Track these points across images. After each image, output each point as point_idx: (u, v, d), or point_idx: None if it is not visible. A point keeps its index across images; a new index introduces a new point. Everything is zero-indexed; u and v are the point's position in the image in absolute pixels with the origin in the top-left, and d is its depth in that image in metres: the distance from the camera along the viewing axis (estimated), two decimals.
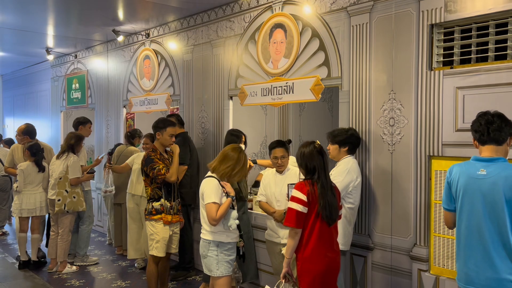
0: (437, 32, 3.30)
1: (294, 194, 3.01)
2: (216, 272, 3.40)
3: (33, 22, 6.31)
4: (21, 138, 5.97)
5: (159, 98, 6.19)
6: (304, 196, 2.95)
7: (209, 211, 3.33)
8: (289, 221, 3.00)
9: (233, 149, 3.51)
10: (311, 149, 3.05)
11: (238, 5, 4.94)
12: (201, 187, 3.45)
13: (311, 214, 2.97)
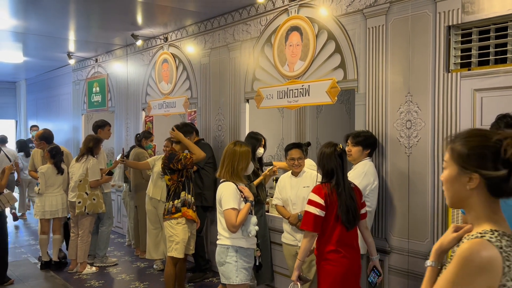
0: (455, 34, 3.26)
1: (312, 197, 3.01)
2: (236, 279, 3.27)
3: (55, 28, 6.45)
4: (38, 143, 6.13)
5: (177, 101, 6.25)
6: (322, 199, 2.95)
7: (228, 218, 3.23)
8: (306, 225, 2.99)
9: (235, 145, 3.45)
10: (331, 151, 3.04)
11: (254, 8, 4.97)
12: (218, 193, 3.36)
13: (330, 217, 2.97)
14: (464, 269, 1.31)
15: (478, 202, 1.40)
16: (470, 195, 1.41)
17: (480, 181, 1.38)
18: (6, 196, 5.15)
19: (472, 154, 1.39)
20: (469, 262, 1.31)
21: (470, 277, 1.31)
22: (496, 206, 1.41)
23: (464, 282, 1.31)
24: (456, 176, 1.43)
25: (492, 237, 1.34)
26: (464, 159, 1.40)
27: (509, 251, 1.33)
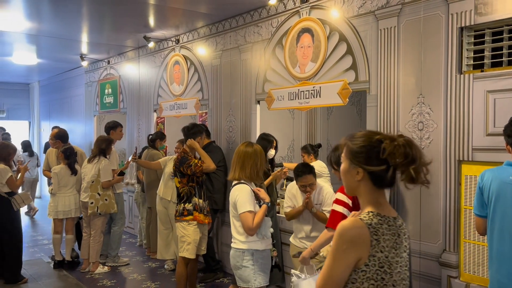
0: (467, 35, 3.25)
1: (339, 197, 3.02)
2: (254, 283, 3.22)
3: (69, 30, 6.53)
4: (53, 142, 6.20)
5: (188, 103, 6.29)
6: (349, 200, 2.97)
7: (245, 221, 3.16)
8: (333, 224, 3.00)
9: (246, 146, 3.40)
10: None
11: (265, 10, 4.99)
12: (232, 195, 3.28)
13: None
14: (338, 242, 1.59)
15: (364, 191, 1.68)
16: (358, 185, 1.69)
17: (364, 174, 1.66)
18: (22, 196, 5.23)
19: (359, 152, 1.66)
20: (341, 237, 1.59)
21: (343, 248, 1.58)
22: (379, 194, 1.68)
23: (339, 253, 1.59)
24: (347, 169, 1.70)
25: (366, 217, 1.63)
26: (353, 155, 1.68)
27: (378, 227, 1.60)
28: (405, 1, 3.57)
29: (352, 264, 1.59)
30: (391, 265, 1.61)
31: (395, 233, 1.64)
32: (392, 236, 1.63)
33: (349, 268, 1.60)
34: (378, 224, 1.61)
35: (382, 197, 1.69)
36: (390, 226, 1.64)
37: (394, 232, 1.64)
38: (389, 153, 1.59)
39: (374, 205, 1.67)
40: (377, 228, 1.60)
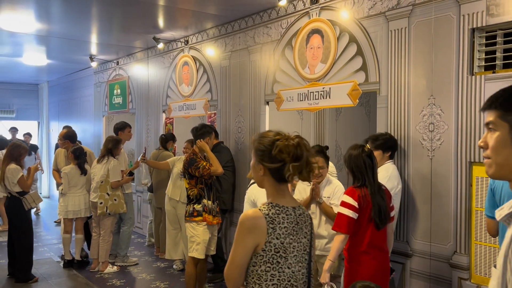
0: (479, 36, 3.24)
1: (345, 199, 3.01)
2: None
3: (78, 31, 6.58)
4: (62, 142, 6.23)
5: (197, 104, 6.31)
6: (355, 202, 2.96)
7: None
8: (339, 227, 2.99)
9: None
10: (359, 152, 3.03)
11: (275, 11, 5.00)
12: (251, 194, 3.26)
13: (362, 219, 2.98)
14: (239, 230, 1.83)
15: (267, 184, 1.91)
16: (263, 179, 1.91)
17: (265, 170, 1.88)
18: (32, 195, 5.28)
19: (259, 150, 1.89)
20: (242, 226, 1.82)
21: (243, 235, 1.82)
22: (280, 187, 1.90)
23: (240, 240, 1.82)
24: (254, 165, 1.94)
25: (264, 208, 1.86)
26: (256, 153, 1.91)
27: (275, 217, 1.83)
28: (416, 2, 3.57)
29: (251, 249, 1.82)
30: (286, 250, 1.83)
31: (293, 221, 1.87)
32: (289, 224, 1.86)
33: (249, 253, 1.82)
34: (275, 214, 1.84)
35: (283, 190, 1.91)
36: (288, 215, 1.87)
37: (292, 220, 1.87)
38: (278, 150, 1.83)
39: (274, 197, 1.90)
40: (274, 218, 1.83)
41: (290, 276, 1.84)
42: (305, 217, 1.93)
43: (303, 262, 1.89)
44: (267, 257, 1.81)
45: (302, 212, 1.93)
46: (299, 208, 1.93)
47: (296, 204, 1.93)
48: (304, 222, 1.91)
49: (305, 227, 1.91)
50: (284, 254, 1.82)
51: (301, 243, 1.88)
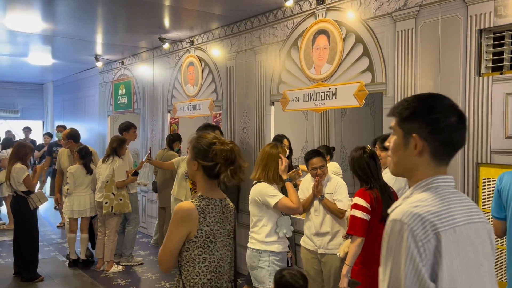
0: (486, 37, 3.24)
1: (357, 201, 2.99)
2: (269, 284, 3.23)
3: (84, 31, 6.61)
4: (65, 142, 6.24)
5: (202, 104, 6.32)
6: (368, 204, 2.95)
7: (285, 207, 3.21)
8: (353, 230, 2.98)
9: (271, 147, 3.44)
10: (360, 154, 3.03)
11: (281, 12, 5.00)
12: (255, 194, 3.30)
13: (374, 221, 2.97)
14: (173, 220, 2.09)
15: (199, 179, 2.18)
16: (196, 174, 2.19)
17: (199, 166, 2.15)
18: (38, 195, 5.30)
19: (196, 148, 2.17)
20: (176, 215, 2.09)
21: (178, 224, 2.08)
22: (211, 182, 2.19)
23: (174, 228, 2.08)
24: (189, 160, 2.21)
25: (196, 200, 2.13)
26: (193, 151, 2.19)
27: (205, 208, 2.11)
28: (423, 3, 3.56)
29: (184, 236, 2.08)
30: (215, 236, 2.12)
31: (219, 211, 2.17)
32: (217, 213, 2.15)
33: (182, 240, 2.08)
34: (205, 205, 2.13)
35: (213, 184, 2.20)
36: (216, 206, 2.16)
37: (219, 210, 2.17)
38: (215, 153, 2.11)
39: (205, 190, 2.18)
40: (204, 208, 2.12)
41: (219, 258, 2.14)
42: (229, 208, 2.24)
43: (228, 246, 2.21)
44: (199, 242, 2.09)
45: (227, 203, 2.25)
46: (224, 200, 2.24)
47: (222, 196, 2.24)
48: (229, 211, 2.23)
49: (229, 216, 2.23)
50: (214, 240, 2.12)
51: (226, 230, 2.20)
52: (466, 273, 1.27)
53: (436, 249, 1.22)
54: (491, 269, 1.37)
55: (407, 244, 1.21)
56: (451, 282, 1.22)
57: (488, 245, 1.38)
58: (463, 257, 1.27)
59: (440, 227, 1.23)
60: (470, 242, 1.30)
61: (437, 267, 1.21)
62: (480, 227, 1.35)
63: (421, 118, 1.33)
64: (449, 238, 1.24)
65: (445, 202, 1.30)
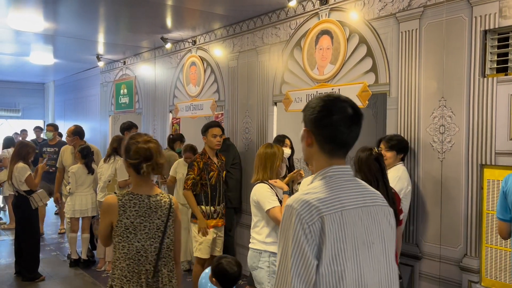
0: (491, 38, 3.23)
1: None
2: (268, 285, 3.24)
3: (86, 30, 6.60)
4: (71, 139, 6.21)
5: (204, 104, 6.31)
6: None
7: (274, 216, 3.20)
8: None
9: (266, 147, 3.48)
10: (368, 155, 3.02)
11: (284, 12, 4.99)
12: (254, 195, 3.34)
13: None
14: (101, 209, 2.49)
15: (131, 175, 2.49)
16: (129, 171, 2.48)
17: (128, 164, 2.44)
18: (39, 194, 5.29)
19: (124, 148, 2.46)
20: (102, 206, 2.46)
21: (102, 214, 2.43)
22: (139, 178, 2.44)
23: (101, 216, 2.46)
24: (123, 159, 2.51)
25: (120, 194, 2.42)
26: (122, 151, 2.48)
27: (127, 202, 2.38)
28: (427, 4, 3.55)
29: (107, 225, 2.41)
30: (135, 228, 2.37)
31: (145, 206, 2.40)
32: (141, 208, 2.39)
33: (107, 227, 2.41)
34: (127, 200, 2.39)
35: (142, 180, 2.44)
36: (141, 201, 2.40)
37: (145, 205, 2.40)
38: (133, 151, 2.40)
39: (134, 186, 2.46)
40: (125, 203, 2.38)
41: (139, 248, 2.38)
42: (160, 203, 2.45)
43: (156, 238, 2.42)
44: (119, 231, 2.37)
45: (159, 199, 2.45)
46: (155, 196, 2.46)
47: (153, 193, 2.46)
48: (159, 207, 2.43)
49: (159, 211, 2.43)
50: (134, 231, 2.38)
51: (154, 224, 2.41)
52: (353, 250, 1.41)
53: (321, 230, 1.37)
54: (386, 247, 1.51)
55: (294, 226, 1.37)
56: (334, 259, 1.37)
57: (384, 226, 1.52)
58: (350, 236, 1.41)
59: (324, 211, 1.39)
60: (361, 223, 1.45)
61: (322, 246, 1.36)
62: (374, 210, 1.51)
63: (309, 115, 1.53)
64: (334, 221, 1.39)
65: (335, 189, 1.46)
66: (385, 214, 1.55)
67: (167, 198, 2.48)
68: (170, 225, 2.46)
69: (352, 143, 1.54)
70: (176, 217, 2.50)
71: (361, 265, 1.42)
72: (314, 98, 1.59)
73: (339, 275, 1.38)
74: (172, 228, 2.48)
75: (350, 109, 1.51)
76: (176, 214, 2.50)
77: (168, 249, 2.47)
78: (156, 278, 2.41)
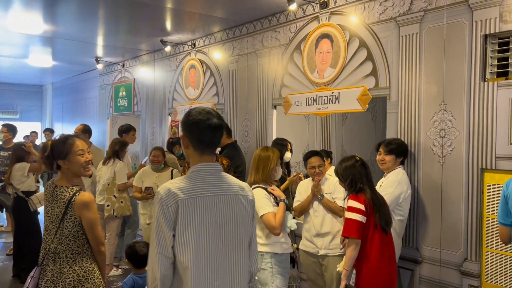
0: (491, 43, 3.23)
1: (351, 204, 3.00)
2: (272, 285, 3.26)
3: (85, 33, 6.59)
4: (82, 137, 6.20)
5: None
6: (362, 205, 2.95)
7: (268, 222, 3.21)
8: (349, 232, 2.97)
9: (261, 150, 3.50)
10: (352, 162, 3.08)
11: (284, 15, 5.00)
12: None
13: (369, 225, 2.97)
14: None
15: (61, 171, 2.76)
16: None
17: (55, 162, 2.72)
18: (38, 196, 5.26)
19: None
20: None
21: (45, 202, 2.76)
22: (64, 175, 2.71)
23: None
24: None
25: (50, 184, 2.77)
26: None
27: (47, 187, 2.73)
28: (428, 8, 3.56)
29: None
30: (45, 209, 2.72)
31: (49, 194, 2.67)
32: (47, 195, 2.70)
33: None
34: (46, 186, 2.75)
35: (61, 173, 2.72)
36: (48, 190, 2.70)
37: (49, 193, 2.68)
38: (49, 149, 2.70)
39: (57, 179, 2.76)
40: (46, 187, 2.73)
41: (45, 228, 2.69)
42: (60, 195, 2.63)
43: (56, 222, 2.63)
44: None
45: (62, 191, 2.63)
46: (60, 187, 2.65)
47: (63, 184, 2.66)
48: (60, 199, 2.61)
49: (59, 201, 2.61)
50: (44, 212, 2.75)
51: (55, 210, 2.63)
52: (204, 228, 1.87)
53: (176, 211, 1.83)
54: (239, 229, 1.96)
55: (158, 207, 1.85)
56: (184, 231, 1.83)
57: (239, 211, 1.97)
58: (201, 217, 1.86)
59: (181, 197, 1.84)
60: (216, 207, 1.90)
61: (177, 222, 1.83)
62: (231, 198, 1.95)
63: (183, 123, 1.97)
64: (186, 204, 1.84)
65: (195, 180, 1.91)
66: (242, 202, 1.98)
67: (70, 193, 2.62)
68: (69, 218, 2.59)
69: (217, 144, 2.01)
70: (81, 214, 2.61)
71: (210, 238, 1.87)
72: (189, 110, 2.00)
73: (187, 243, 1.83)
74: (72, 222, 2.60)
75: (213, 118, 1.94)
76: (81, 211, 2.60)
77: (68, 240, 2.60)
78: (54, 259, 2.61)
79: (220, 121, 1.96)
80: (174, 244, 1.83)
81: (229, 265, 1.91)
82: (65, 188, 2.64)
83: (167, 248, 1.82)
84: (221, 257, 1.89)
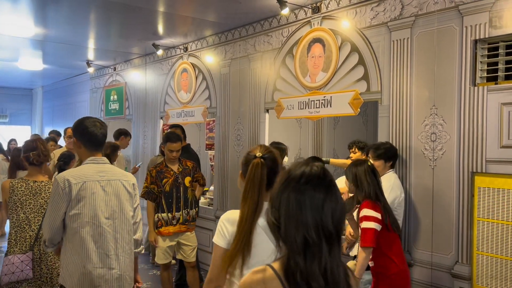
0: (481, 48, 3.28)
1: (368, 213, 3.00)
2: None
3: (76, 36, 6.55)
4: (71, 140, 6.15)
5: (195, 111, 6.30)
6: (379, 214, 3.00)
7: None
8: (367, 241, 2.98)
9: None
10: (365, 169, 3.09)
11: (276, 20, 5.02)
12: None
13: (385, 230, 3.03)
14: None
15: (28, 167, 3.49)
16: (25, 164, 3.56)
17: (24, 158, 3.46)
18: None
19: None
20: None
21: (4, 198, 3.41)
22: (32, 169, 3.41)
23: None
24: None
25: (14, 180, 3.36)
26: None
27: (15, 185, 3.29)
28: (419, 13, 3.60)
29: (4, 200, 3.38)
30: (22, 204, 3.28)
31: (29, 188, 3.31)
32: (26, 190, 3.29)
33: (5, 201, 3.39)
34: (16, 183, 3.30)
35: (34, 170, 3.39)
36: (27, 186, 3.31)
37: (29, 188, 3.31)
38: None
39: (28, 174, 3.41)
40: (14, 185, 3.29)
41: (24, 218, 3.29)
42: (41, 188, 3.36)
43: (40, 213, 3.30)
44: (10, 205, 3.30)
45: (44, 185, 3.37)
46: (41, 182, 3.37)
47: (40, 180, 3.38)
48: (42, 190, 3.35)
49: (43, 192, 3.34)
50: (21, 206, 3.29)
51: (38, 202, 3.32)
52: (93, 207, 2.59)
53: (69, 192, 2.54)
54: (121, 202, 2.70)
55: (54, 191, 2.57)
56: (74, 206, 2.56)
57: (121, 191, 2.70)
58: (90, 198, 2.59)
59: (72, 181, 2.56)
60: (102, 189, 2.63)
61: (70, 200, 2.54)
62: (114, 183, 2.69)
63: (75, 129, 2.73)
64: (78, 187, 2.56)
65: (84, 169, 2.63)
66: (123, 185, 2.72)
67: (48, 184, 3.36)
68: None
69: (103, 142, 2.72)
70: None
71: (97, 210, 2.59)
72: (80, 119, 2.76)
73: (78, 215, 2.56)
74: None
75: (97, 123, 2.71)
76: None
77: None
78: (38, 243, 3.26)
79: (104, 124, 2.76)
80: (68, 218, 2.55)
81: (115, 234, 2.63)
82: (45, 182, 3.38)
83: (56, 221, 2.55)
84: (108, 226, 2.61)
